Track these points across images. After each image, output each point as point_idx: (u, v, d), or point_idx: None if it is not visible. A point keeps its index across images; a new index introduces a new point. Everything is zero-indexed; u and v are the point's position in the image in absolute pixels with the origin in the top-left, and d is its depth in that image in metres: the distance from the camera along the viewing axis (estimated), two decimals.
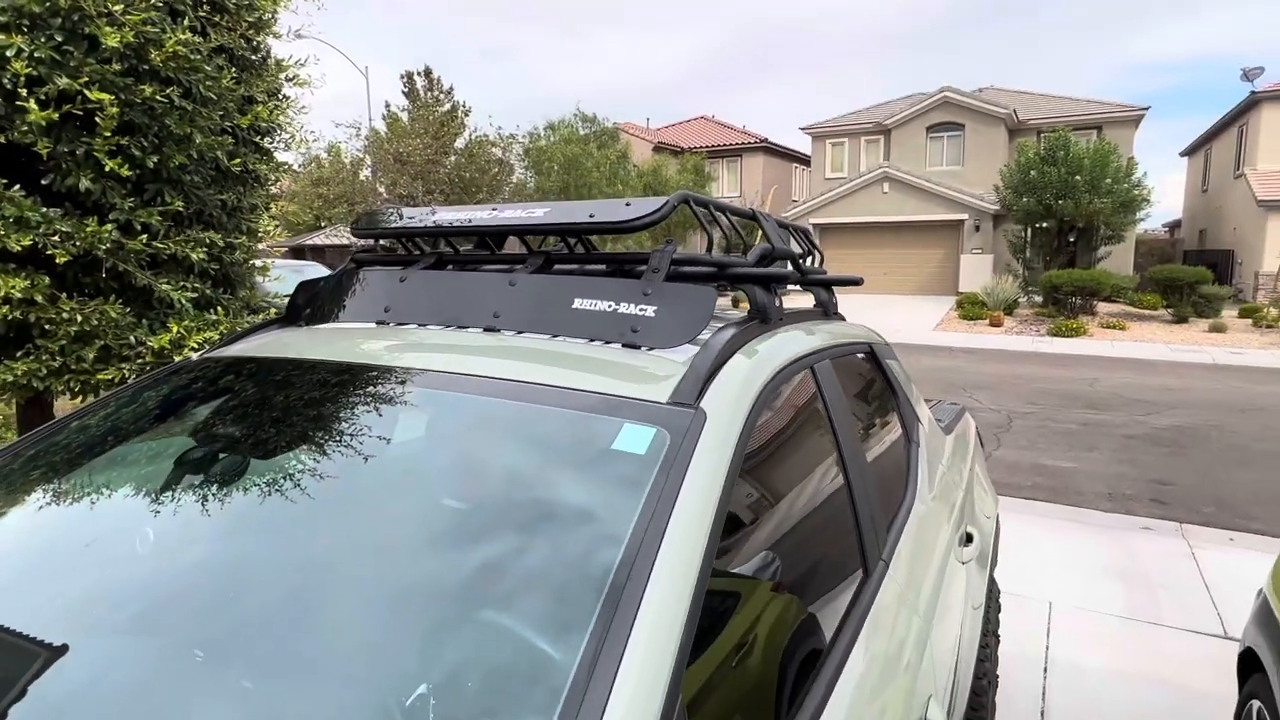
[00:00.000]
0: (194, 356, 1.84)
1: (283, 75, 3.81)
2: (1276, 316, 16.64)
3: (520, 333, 1.55)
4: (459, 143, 25.24)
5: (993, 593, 2.88)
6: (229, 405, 1.54)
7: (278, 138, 3.83)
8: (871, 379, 2.23)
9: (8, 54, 2.59)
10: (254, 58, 3.45)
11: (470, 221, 1.76)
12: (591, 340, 1.47)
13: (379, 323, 1.74)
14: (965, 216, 23.66)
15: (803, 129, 27.50)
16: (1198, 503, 5.92)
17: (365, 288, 1.83)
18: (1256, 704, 2.32)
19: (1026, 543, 4.77)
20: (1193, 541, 4.91)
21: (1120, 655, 3.50)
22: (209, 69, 3.05)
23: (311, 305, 1.91)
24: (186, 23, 3.00)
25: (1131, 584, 4.27)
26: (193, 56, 2.98)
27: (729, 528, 1.13)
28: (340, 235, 23.77)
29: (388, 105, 25.76)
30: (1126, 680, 3.28)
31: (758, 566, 1.34)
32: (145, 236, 3.03)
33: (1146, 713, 3.01)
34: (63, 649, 1.03)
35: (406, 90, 26.18)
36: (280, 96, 3.77)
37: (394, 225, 1.87)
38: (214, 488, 1.31)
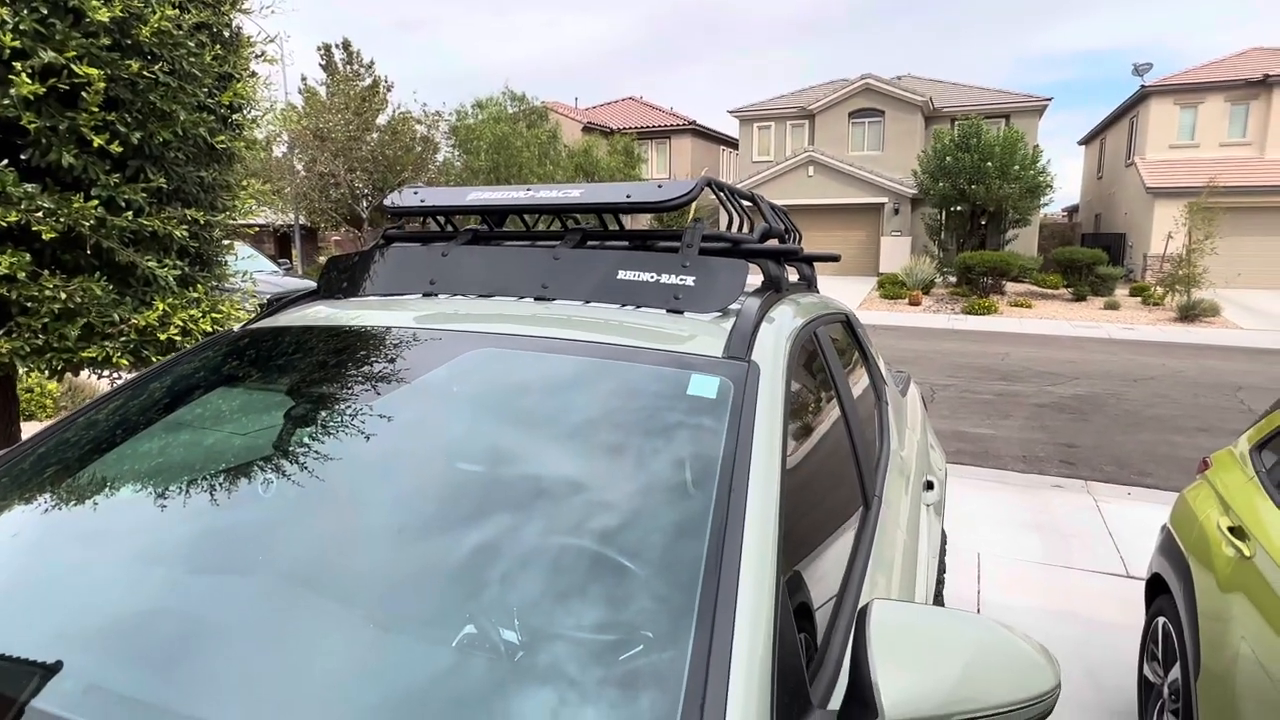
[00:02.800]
0: (233, 328, 1.92)
1: (250, 52, 3.80)
2: (1162, 295, 18.14)
3: (577, 301, 1.72)
4: (381, 119, 24.41)
5: (943, 539, 3.24)
6: (304, 368, 1.66)
7: (249, 114, 3.81)
8: (850, 345, 2.51)
9: None
10: (230, 35, 3.44)
11: (509, 200, 1.91)
12: (638, 307, 1.66)
13: (426, 294, 1.86)
14: (885, 200, 24.65)
15: (730, 112, 27.93)
16: (1100, 462, 6.57)
17: (403, 262, 1.96)
18: (1162, 620, 2.73)
19: (955, 501, 5.25)
20: (1097, 496, 5.49)
21: (1041, 595, 3.96)
22: (191, 45, 3.05)
23: (349, 279, 2.00)
24: None
25: (1047, 534, 4.77)
26: (176, 32, 2.98)
27: None
28: (257, 214, 22.74)
29: (304, 79, 24.69)
30: (1049, 615, 3.73)
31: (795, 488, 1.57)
32: (130, 213, 3.02)
33: (1066, 642, 3.45)
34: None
35: (324, 64, 25.14)
36: (250, 74, 3.75)
37: (430, 204, 2.00)
38: (304, 453, 1.37)
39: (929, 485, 2.59)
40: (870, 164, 25.12)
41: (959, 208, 21.42)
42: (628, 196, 1.81)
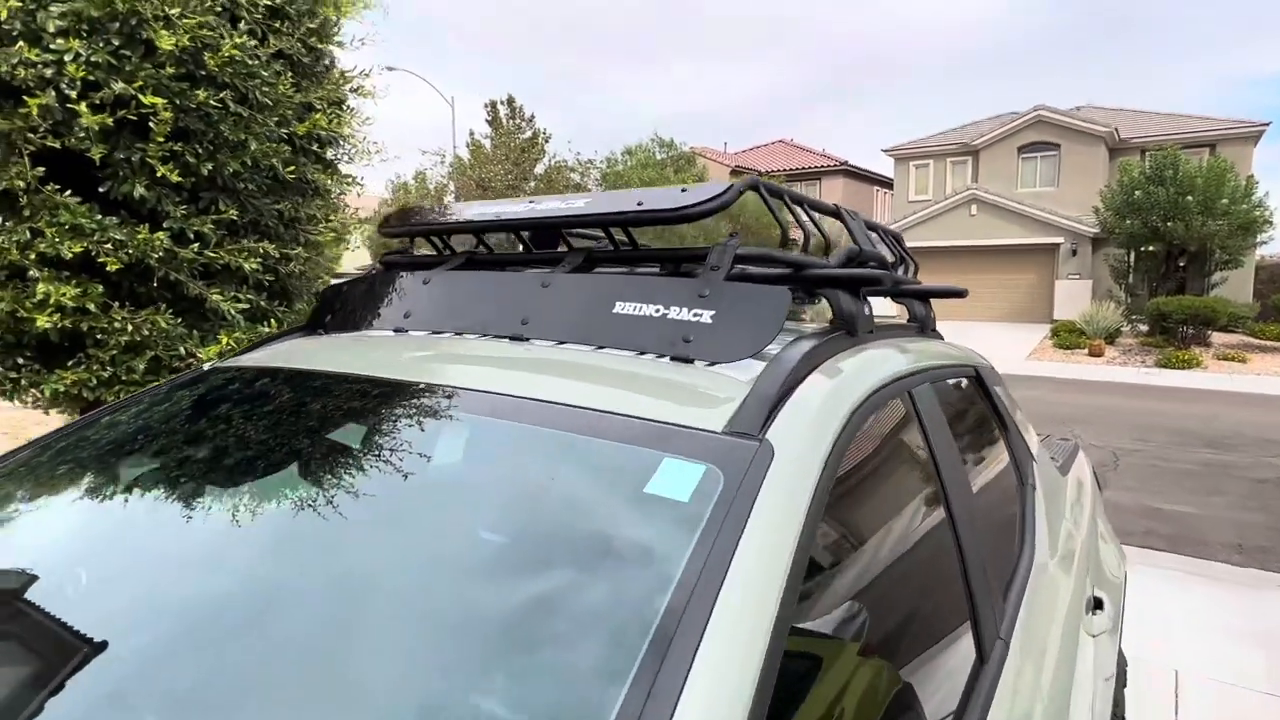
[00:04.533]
0: (206, 365, 1.67)
1: (347, 86, 3.74)
2: None
3: (553, 342, 1.30)
4: (538, 169, 25.89)
5: (1121, 664, 2.43)
6: (223, 419, 1.35)
7: (342, 149, 3.75)
8: (977, 408, 1.88)
9: (65, 58, 2.55)
10: (314, 64, 3.38)
11: (503, 216, 1.53)
12: (638, 352, 1.21)
13: (397, 330, 1.54)
14: (1060, 240, 22.42)
15: (885, 151, 26.77)
16: None
17: (389, 292, 1.63)
18: None
19: (1144, 599, 4.20)
20: None
21: None
22: (266, 74, 2.98)
23: (334, 311, 1.73)
24: (244, 27, 2.93)
25: (1271, 651, 3.66)
26: (250, 62, 2.91)
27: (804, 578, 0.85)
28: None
29: (471, 133, 26.52)
30: None
31: (839, 621, 1.04)
32: (197, 245, 2.95)
33: None
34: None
35: (490, 119, 26.94)
36: (344, 107, 3.69)
37: (421, 223, 1.67)
38: (207, 504, 1.14)
39: (1097, 604, 1.88)
40: (1042, 201, 23.01)
41: (1151, 247, 18.99)
42: (639, 204, 1.36)
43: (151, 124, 2.72)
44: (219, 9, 2.85)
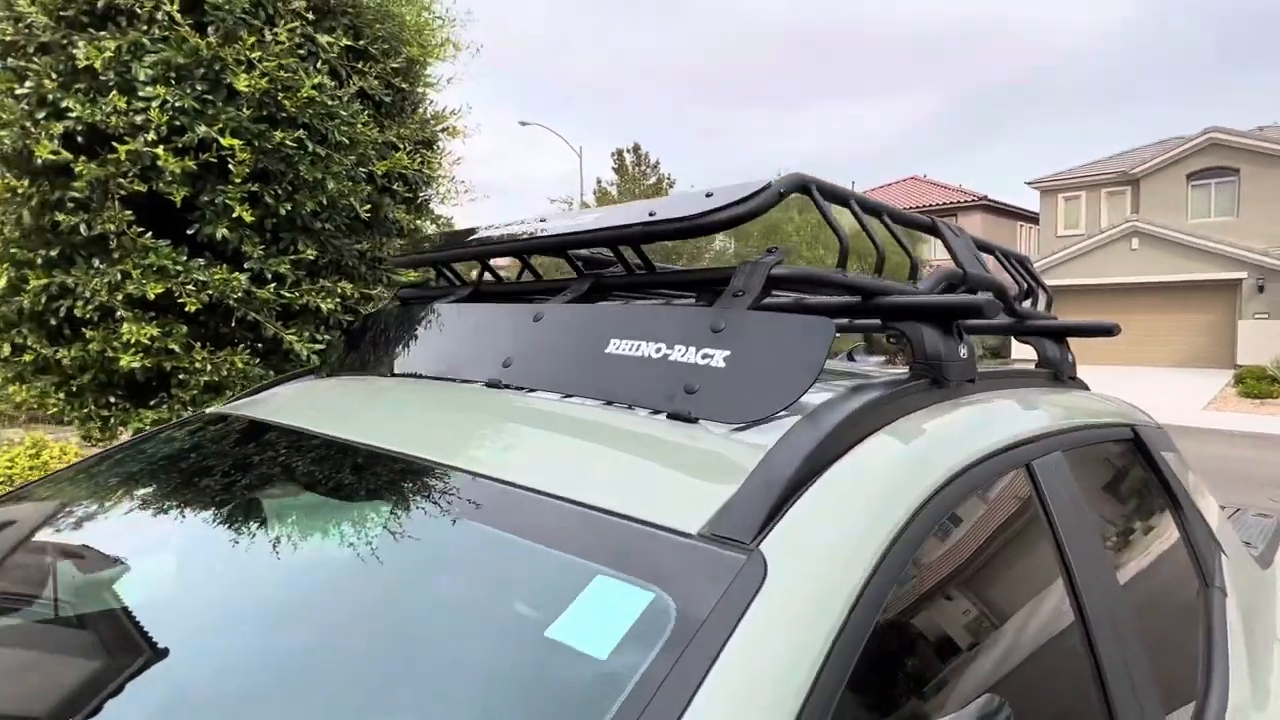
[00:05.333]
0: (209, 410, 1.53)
1: (439, 126, 3.72)
2: None
3: (532, 389, 1.03)
4: None
5: None
6: (186, 470, 1.18)
7: (433, 189, 3.72)
8: (1135, 483, 1.42)
9: (152, 105, 2.61)
10: (397, 103, 3.35)
11: (506, 238, 1.29)
12: (629, 405, 0.91)
13: (394, 373, 1.32)
14: (1243, 275, 19.88)
15: (1030, 183, 25.00)
16: None
17: (388, 330, 1.43)
18: None
19: None
20: None
21: None
22: (345, 114, 2.96)
23: (345, 351, 1.55)
24: (323, 67, 2.93)
25: None
26: (329, 102, 2.90)
27: None
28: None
29: (599, 181, 27.35)
30: None
31: None
32: (274, 285, 2.93)
33: None
34: None
35: (616, 166, 27.76)
36: (434, 147, 3.67)
37: (423, 252, 1.47)
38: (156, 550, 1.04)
39: None
40: (1218, 232, 20.57)
41: None
42: (651, 215, 1.08)
43: (231, 166, 2.73)
44: (300, 52, 2.86)
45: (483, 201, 3.72)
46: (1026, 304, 1.77)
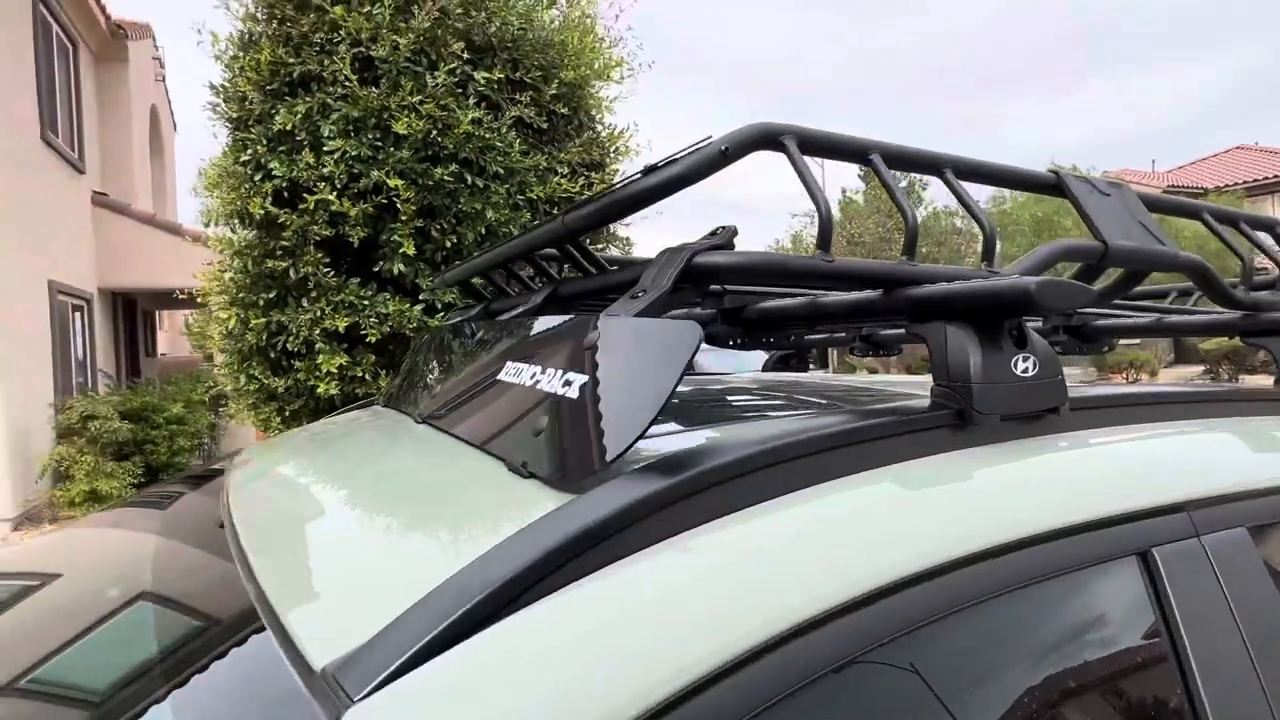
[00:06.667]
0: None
1: (613, 148, 3.72)
2: None
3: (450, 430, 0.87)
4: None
5: None
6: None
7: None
8: None
9: (331, 157, 2.89)
10: (561, 127, 3.39)
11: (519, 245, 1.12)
12: (498, 454, 0.71)
13: (401, 407, 1.23)
14: None
15: None
16: None
17: (414, 359, 1.35)
18: None
19: None
20: None
21: None
22: (501, 145, 3.04)
23: (402, 382, 1.49)
24: (479, 101, 3.04)
25: None
26: (485, 135, 3.00)
27: None
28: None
29: (843, 191, 26.37)
30: None
31: None
32: (444, 314, 3.08)
33: None
34: None
35: (862, 173, 26.51)
36: (604, 169, 3.66)
37: (463, 269, 1.35)
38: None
39: None
40: None
41: None
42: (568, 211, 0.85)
43: (398, 205, 2.93)
44: (458, 91, 3.00)
45: (690, 219, 3.60)
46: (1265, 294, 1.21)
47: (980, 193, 28.98)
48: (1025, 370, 0.71)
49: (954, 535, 0.57)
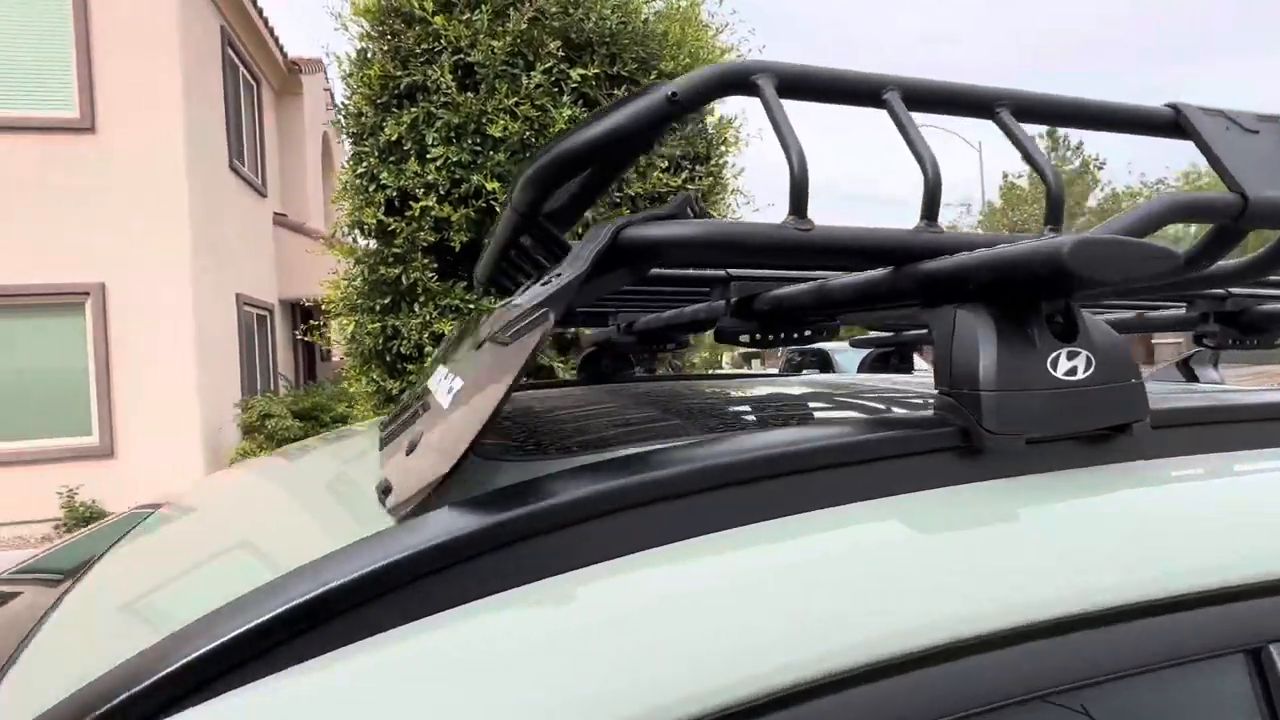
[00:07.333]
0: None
1: (720, 139, 3.58)
2: None
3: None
4: (1090, 200, 22.63)
5: None
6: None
7: (708, 204, 3.58)
8: None
9: (434, 164, 2.96)
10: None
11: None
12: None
13: None
14: None
15: None
16: None
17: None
18: None
19: None
20: None
21: None
22: None
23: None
24: (574, 97, 3.00)
25: None
26: None
27: None
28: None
29: (1004, 175, 24.38)
30: None
31: None
32: None
33: None
34: None
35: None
36: (710, 161, 3.52)
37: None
38: None
39: None
40: None
41: None
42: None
43: (497, 208, 2.95)
44: (554, 89, 2.98)
45: (828, 209, 3.42)
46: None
47: (1174, 164, 25.62)
48: (1072, 371, 0.52)
49: (911, 622, 0.40)
